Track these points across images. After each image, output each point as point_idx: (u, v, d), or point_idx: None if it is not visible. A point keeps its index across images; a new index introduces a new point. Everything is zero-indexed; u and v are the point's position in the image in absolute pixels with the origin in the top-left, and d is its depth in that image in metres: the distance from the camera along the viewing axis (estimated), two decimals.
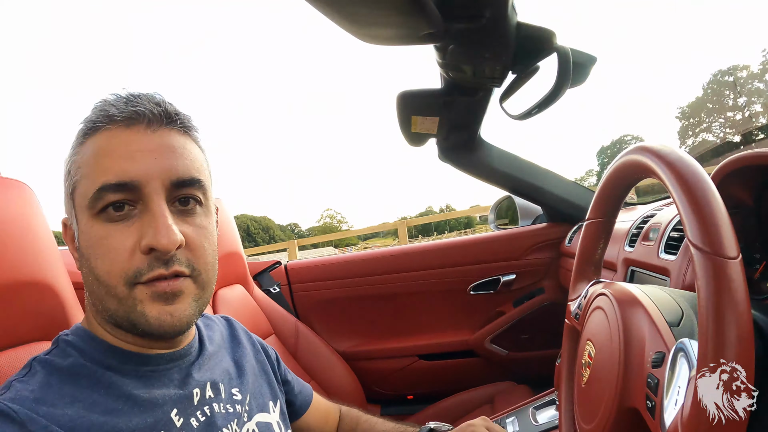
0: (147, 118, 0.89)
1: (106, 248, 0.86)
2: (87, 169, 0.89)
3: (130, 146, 0.87)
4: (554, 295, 2.66)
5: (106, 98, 0.92)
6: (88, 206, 0.87)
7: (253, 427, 1.06)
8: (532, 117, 1.71)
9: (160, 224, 0.85)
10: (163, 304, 0.88)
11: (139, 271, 0.86)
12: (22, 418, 0.77)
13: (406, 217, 31.43)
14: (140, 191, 0.87)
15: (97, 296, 0.90)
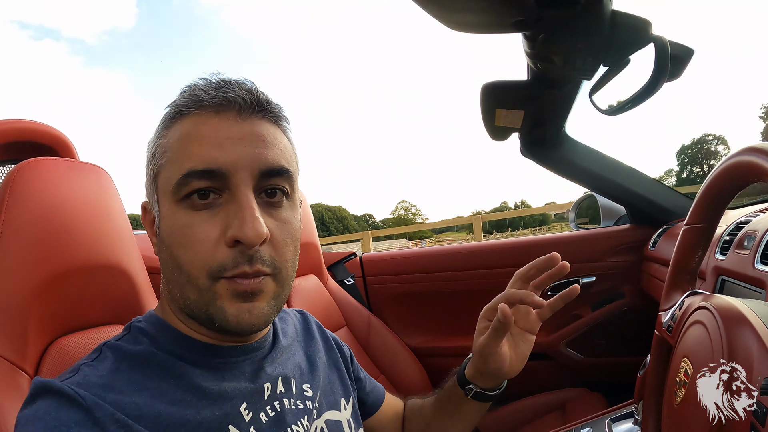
0: (238, 105, 0.87)
1: (190, 238, 0.84)
2: (172, 154, 0.87)
3: (218, 133, 0.85)
4: (635, 301, 2.54)
5: (196, 83, 0.91)
6: (172, 192, 0.86)
7: (322, 424, 1.04)
8: (624, 112, 1.62)
9: (247, 215, 0.83)
10: (242, 302, 0.86)
11: (223, 266, 0.84)
12: (89, 403, 0.76)
13: (481, 212, 31.02)
14: (227, 180, 0.84)
15: (176, 284, 0.89)
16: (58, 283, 1.17)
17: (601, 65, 1.59)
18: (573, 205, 3.23)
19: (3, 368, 1.07)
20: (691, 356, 0.85)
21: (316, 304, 2.54)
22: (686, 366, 0.85)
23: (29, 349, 1.12)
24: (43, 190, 1.19)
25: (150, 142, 0.94)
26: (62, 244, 1.18)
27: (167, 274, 0.91)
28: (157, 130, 0.92)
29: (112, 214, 1.31)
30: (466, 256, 2.88)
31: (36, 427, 0.74)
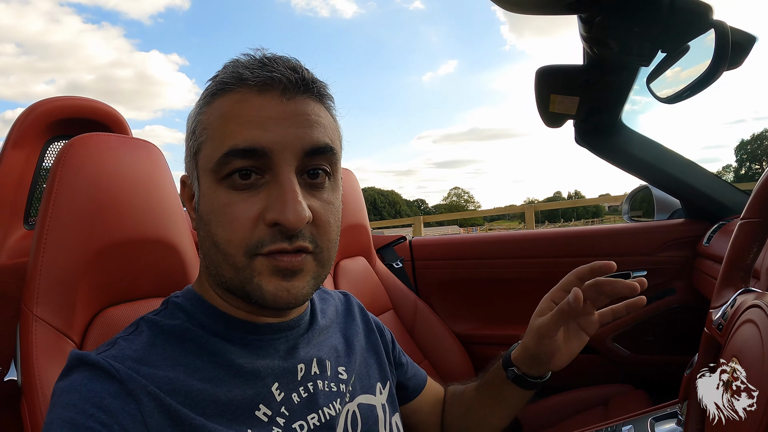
0: (282, 84, 0.85)
1: (229, 216, 0.84)
2: (213, 131, 0.86)
3: (261, 112, 0.84)
4: (685, 298, 2.46)
5: (239, 58, 0.90)
6: (212, 170, 0.85)
7: (354, 408, 1.04)
8: (682, 100, 1.57)
9: (288, 198, 0.82)
10: (280, 279, 0.85)
11: (261, 242, 0.83)
12: (122, 376, 0.78)
13: (534, 201, 30.70)
14: (270, 159, 0.83)
15: (213, 262, 0.89)
16: (107, 255, 1.20)
17: (659, 51, 1.54)
18: (627, 196, 3.15)
19: (51, 336, 1.11)
20: (740, 357, 0.81)
21: (364, 285, 2.55)
22: (735, 367, 0.82)
23: (76, 318, 1.16)
24: (94, 164, 1.21)
25: (190, 116, 0.94)
26: (112, 217, 1.21)
27: (205, 251, 0.91)
28: (198, 105, 0.92)
29: (162, 190, 1.34)
30: (516, 244, 2.85)
31: (71, 398, 0.76)
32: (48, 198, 1.16)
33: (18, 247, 1.42)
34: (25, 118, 1.45)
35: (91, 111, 1.55)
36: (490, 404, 1.26)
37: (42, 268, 1.13)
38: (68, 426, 0.72)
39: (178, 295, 0.98)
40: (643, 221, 2.89)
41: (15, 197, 1.47)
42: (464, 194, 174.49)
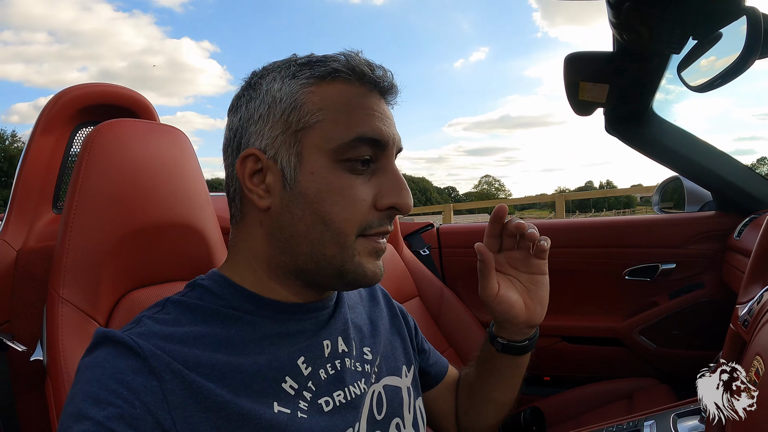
0: (384, 89, 0.95)
1: (350, 197, 0.89)
2: (335, 114, 0.89)
3: (377, 108, 0.92)
4: (714, 292, 2.41)
5: (349, 53, 0.94)
6: (334, 150, 0.88)
7: (380, 389, 1.05)
8: (714, 89, 1.53)
9: (404, 186, 0.92)
10: (376, 260, 0.95)
11: (370, 224, 0.91)
12: (146, 353, 0.79)
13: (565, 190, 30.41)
14: (383, 151, 0.92)
15: (311, 241, 0.90)
16: (133, 239, 1.22)
17: (690, 38, 1.51)
18: (657, 187, 3.10)
19: (77, 318, 1.13)
20: (764, 354, 0.79)
21: (390, 272, 2.55)
22: (758, 365, 0.80)
23: (102, 300, 1.18)
24: (121, 149, 1.23)
25: (280, 90, 0.92)
26: (138, 202, 1.23)
27: (299, 229, 0.90)
28: (298, 84, 0.91)
29: (189, 175, 1.35)
30: (545, 234, 2.77)
31: (95, 374, 0.77)
32: (75, 182, 1.17)
33: (46, 231, 1.45)
34: (53, 104, 1.47)
35: (119, 97, 1.57)
36: (488, 380, 1.27)
37: (69, 251, 1.15)
38: (90, 400, 0.74)
39: (203, 278, 0.99)
40: (673, 213, 2.86)
41: (43, 182, 1.49)
42: (495, 182, 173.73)
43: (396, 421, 1.05)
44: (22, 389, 1.27)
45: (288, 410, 0.86)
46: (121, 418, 0.72)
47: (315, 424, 0.88)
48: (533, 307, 1.13)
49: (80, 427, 0.71)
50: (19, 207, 1.44)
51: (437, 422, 1.34)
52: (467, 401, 1.31)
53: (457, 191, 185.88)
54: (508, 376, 1.24)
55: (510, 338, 1.17)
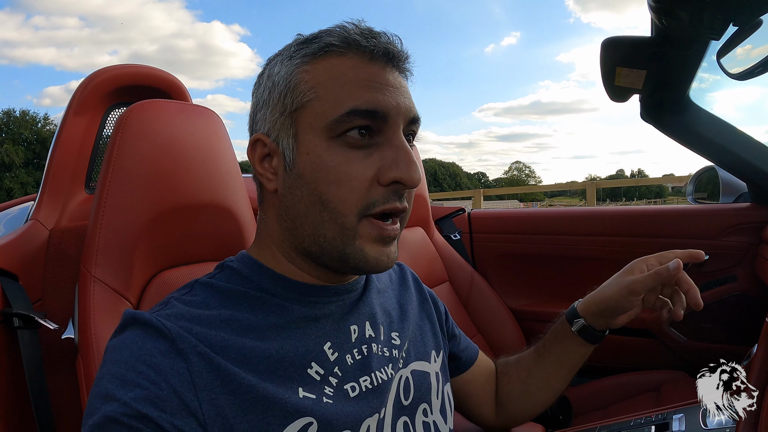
0: (387, 57, 0.91)
1: (346, 175, 0.86)
2: (326, 91, 0.88)
3: (376, 78, 0.88)
4: (747, 286, 2.36)
5: (345, 25, 0.92)
6: (326, 127, 0.87)
7: (407, 374, 1.05)
8: (754, 77, 1.50)
9: (409, 158, 0.87)
10: (382, 246, 0.90)
11: (374, 202, 0.87)
12: (174, 335, 0.80)
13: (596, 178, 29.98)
14: (386, 122, 0.88)
15: (311, 222, 0.90)
16: (165, 219, 1.23)
17: (731, 24, 1.47)
18: (692, 177, 3.05)
19: (108, 297, 1.14)
20: None
21: (421, 256, 2.56)
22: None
23: (133, 280, 1.20)
24: (153, 130, 1.24)
25: (276, 73, 0.93)
26: (170, 182, 1.24)
27: (299, 210, 0.91)
28: (294, 64, 0.92)
29: (221, 156, 1.35)
30: (576, 221, 2.80)
31: (123, 355, 0.79)
32: (108, 163, 1.18)
33: (79, 211, 1.46)
34: (86, 85, 1.48)
35: (151, 78, 1.58)
36: (551, 364, 1.29)
37: (101, 231, 1.16)
38: (117, 381, 0.75)
39: (232, 260, 0.99)
40: (707, 203, 2.81)
41: (77, 162, 1.50)
42: (525, 168, 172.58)
43: (423, 407, 1.05)
44: (54, 367, 1.29)
45: (313, 395, 0.87)
46: (148, 399, 0.73)
47: (341, 409, 0.88)
48: (625, 317, 1.23)
49: (108, 407, 0.72)
50: (52, 187, 1.46)
51: (467, 407, 1.34)
52: (522, 385, 1.33)
53: (487, 177, 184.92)
54: (572, 363, 1.29)
55: (591, 322, 1.23)
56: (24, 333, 1.21)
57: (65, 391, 1.30)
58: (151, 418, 0.72)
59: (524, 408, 1.34)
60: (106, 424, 0.71)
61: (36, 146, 67.60)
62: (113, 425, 0.71)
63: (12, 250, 1.30)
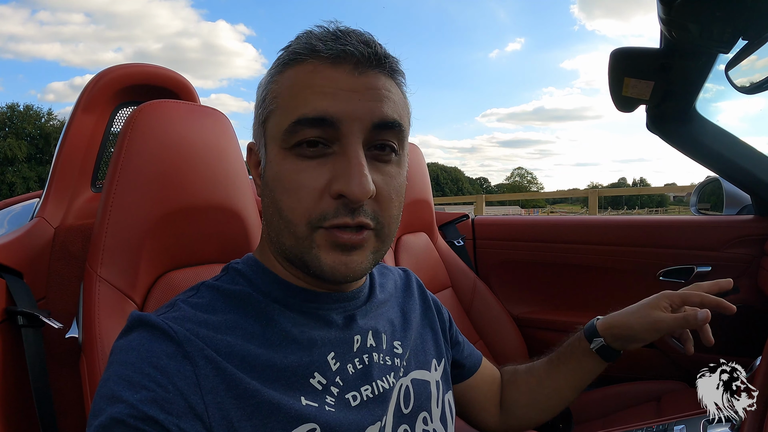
0: (355, 58, 0.86)
1: (295, 185, 0.85)
2: (283, 100, 0.88)
3: (333, 83, 0.85)
4: (749, 298, 2.35)
5: (312, 30, 0.90)
6: (281, 138, 0.87)
7: (407, 383, 1.04)
8: (762, 91, 1.51)
9: (354, 171, 0.82)
10: (339, 254, 0.86)
11: (324, 215, 0.84)
12: (180, 338, 0.80)
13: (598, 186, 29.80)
14: (338, 130, 0.84)
15: (274, 229, 0.91)
16: (172, 220, 1.23)
17: (740, 38, 1.47)
18: (696, 188, 3.06)
19: (113, 296, 1.15)
20: None
21: (424, 262, 2.56)
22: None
23: (139, 280, 1.20)
24: (162, 130, 1.24)
25: (261, 84, 0.95)
26: (178, 183, 1.24)
27: (267, 218, 0.93)
28: (269, 74, 0.93)
29: (229, 158, 1.36)
30: (580, 230, 2.81)
31: (129, 356, 0.79)
32: (116, 162, 1.18)
33: (85, 209, 1.46)
34: (95, 83, 1.48)
35: (160, 78, 1.58)
36: (564, 376, 1.30)
37: (107, 230, 1.16)
38: (124, 383, 0.75)
39: (238, 262, 1.00)
40: (710, 215, 2.81)
41: (84, 160, 1.50)
42: (527, 175, 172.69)
43: (423, 415, 1.05)
44: (57, 366, 1.28)
45: (316, 404, 0.87)
46: (154, 401, 0.73)
47: (343, 417, 0.88)
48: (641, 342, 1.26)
49: (114, 409, 0.72)
50: (58, 185, 1.45)
51: (469, 413, 1.34)
52: (531, 394, 1.33)
53: (489, 182, 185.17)
54: (585, 377, 1.29)
55: (609, 343, 1.25)
56: (28, 331, 1.21)
57: (68, 390, 1.30)
58: (157, 420, 0.72)
59: (530, 416, 1.34)
60: (112, 425, 0.71)
61: (39, 141, 67.74)
62: (119, 426, 0.71)
63: (17, 248, 1.30)
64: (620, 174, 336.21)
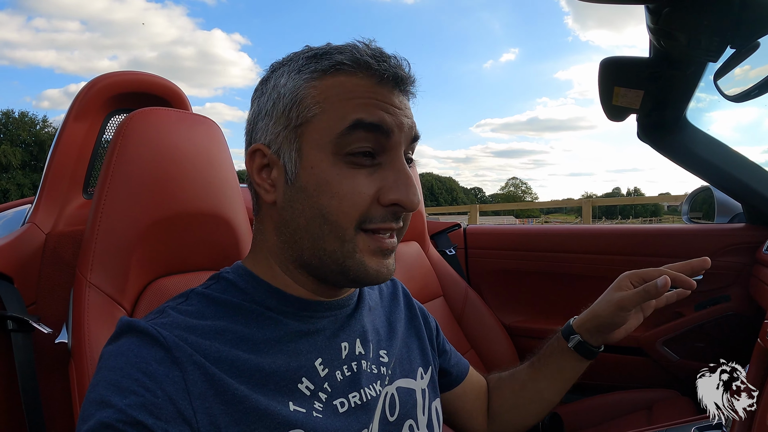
0: (396, 80, 0.92)
1: (349, 189, 0.87)
2: (332, 106, 0.89)
3: (381, 98, 0.89)
4: (740, 306, 2.36)
5: (356, 44, 0.92)
6: (332, 142, 0.88)
7: (393, 391, 1.05)
8: (750, 99, 1.51)
9: (410, 182, 0.89)
10: (381, 258, 0.92)
11: (371, 218, 0.88)
12: (169, 344, 0.80)
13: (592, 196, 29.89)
14: (390, 139, 0.89)
15: (312, 235, 0.90)
16: (162, 227, 1.23)
17: (728, 47, 1.48)
18: (687, 197, 3.07)
19: (103, 302, 1.15)
20: None
21: (416, 271, 2.56)
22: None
23: (129, 286, 1.20)
24: (153, 137, 1.25)
25: (281, 85, 0.93)
26: (169, 190, 1.24)
27: (299, 224, 0.91)
28: (302, 78, 0.92)
29: (220, 165, 1.36)
30: (572, 239, 2.81)
31: (118, 362, 0.79)
32: (107, 169, 1.19)
33: (76, 215, 1.46)
34: (87, 91, 1.49)
35: (152, 86, 1.58)
36: (545, 378, 1.32)
37: (98, 237, 1.17)
38: (113, 388, 0.75)
39: (228, 271, 1.00)
40: (702, 223, 2.82)
41: (75, 167, 1.51)
42: (522, 185, 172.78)
43: (409, 423, 1.05)
44: (46, 371, 1.29)
45: (303, 410, 0.87)
46: (143, 406, 0.73)
47: (330, 424, 0.89)
48: (623, 331, 1.29)
49: (102, 414, 0.73)
50: (50, 191, 1.46)
51: (457, 421, 1.34)
52: (514, 398, 1.35)
53: (483, 192, 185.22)
54: (566, 377, 1.31)
55: (586, 339, 1.28)
56: (17, 336, 1.21)
57: (56, 395, 1.29)
58: (146, 425, 0.72)
59: (515, 420, 1.35)
60: (101, 429, 0.71)
61: (34, 148, 67.61)
62: (108, 431, 0.71)
63: (8, 253, 1.30)
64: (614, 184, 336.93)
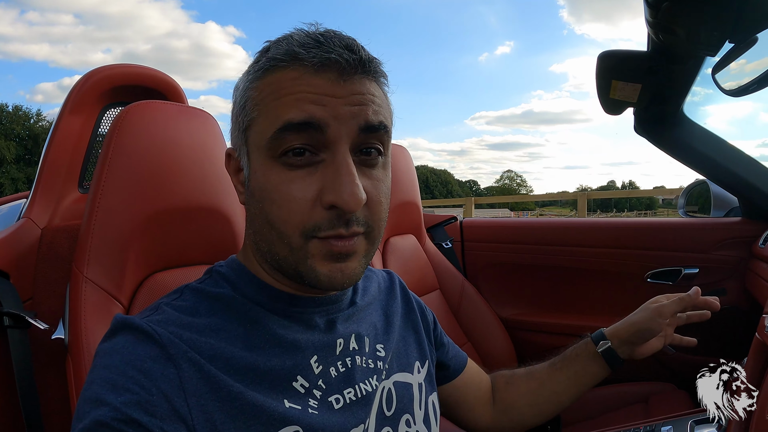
0: (339, 65, 0.83)
1: (285, 196, 0.83)
2: (266, 107, 0.85)
3: (318, 90, 0.82)
4: (736, 300, 2.37)
5: (293, 35, 0.87)
6: (266, 147, 0.85)
7: (389, 385, 1.05)
8: (749, 94, 1.51)
9: (346, 180, 0.81)
10: (334, 262, 0.86)
11: (318, 227, 0.83)
12: (164, 341, 0.80)
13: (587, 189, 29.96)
14: (325, 135, 0.82)
15: (265, 240, 0.89)
16: (159, 221, 1.23)
17: (727, 41, 1.47)
18: (684, 190, 3.07)
19: (100, 297, 1.14)
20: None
21: (412, 264, 2.56)
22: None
23: (126, 281, 1.19)
24: (149, 131, 1.24)
25: (238, 88, 0.93)
26: (165, 184, 1.23)
27: (256, 228, 0.91)
28: (247, 80, 0.90)
29: (217, 159, 1.36)
30: (568, 232, 2.80)
31: (113, 359, 0.79)
32: (103, 163, 1.18)
33: (72, 210, 1.45)
34: (82, 84, 1.48)
35: (148, 79, 1.58)
36: (566, 380, 1.34)
37: (94, 231, 1.16)
38: (108, 386, 0.75)
39: (222, 265, 1.00)
40: (698, 217, 2.81)
41: (71, 161, 1.50)
42: (517, 177, 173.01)
43: (406, 417, 1.05)
44: (43, 367, 1.28)
45: (299, 407, 0.87)
46: (138, 404, 0.73)
47: (326, 420, 0.89)
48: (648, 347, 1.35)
49: (98, 412, 0.72)
50: (45, 185, 1.45)
51: (457, 414, 1.34)
52: (531, 396, 1.36)
53: (478, 185, 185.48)
54: (586, 382, 1.35)
55: (615, 347, 1.32)
56: (14, 332, 1.21)
57: (53, 391, 1.29)
58: (141, 423, 0.72)
59: (527, 419, 1.36)
60: (96, 428, 0.71)
61: (28, 142, 67.53)
62: (103, 429, 0.71)
63: (3, 249, 1.29)
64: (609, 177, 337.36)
